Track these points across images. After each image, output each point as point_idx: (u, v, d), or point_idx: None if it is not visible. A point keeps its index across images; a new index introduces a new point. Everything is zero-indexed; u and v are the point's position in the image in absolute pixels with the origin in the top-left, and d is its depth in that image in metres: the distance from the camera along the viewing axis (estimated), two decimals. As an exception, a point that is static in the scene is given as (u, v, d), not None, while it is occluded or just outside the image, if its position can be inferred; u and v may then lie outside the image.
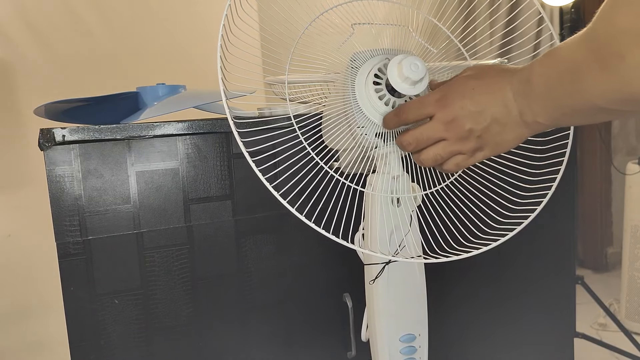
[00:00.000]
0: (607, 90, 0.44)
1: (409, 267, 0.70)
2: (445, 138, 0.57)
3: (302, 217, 0.58)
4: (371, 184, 0.66)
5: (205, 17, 1.73)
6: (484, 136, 0.56)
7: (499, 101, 0.54)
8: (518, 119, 0.54)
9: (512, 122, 0.55)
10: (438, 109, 0.57)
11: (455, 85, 0.57)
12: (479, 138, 0.56)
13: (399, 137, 0.60)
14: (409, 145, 0.59)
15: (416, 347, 0.71)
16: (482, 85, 0.55)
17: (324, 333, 0.92)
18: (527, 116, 0.54)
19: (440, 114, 0.56)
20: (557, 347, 1.15)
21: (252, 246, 0.87)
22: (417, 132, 0.58)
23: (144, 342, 0.81)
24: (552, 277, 1.12)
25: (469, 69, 0.60)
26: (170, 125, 0.79)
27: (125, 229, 0.79)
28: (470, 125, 0.55)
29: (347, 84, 0.63)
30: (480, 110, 0.55)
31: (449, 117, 0.56)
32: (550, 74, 0.50)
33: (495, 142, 0.57)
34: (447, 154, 0.58)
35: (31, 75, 1.59)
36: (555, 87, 0.50)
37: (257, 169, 0.56)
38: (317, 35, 0.64)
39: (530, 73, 0.52)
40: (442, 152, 0.58)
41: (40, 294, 1.59)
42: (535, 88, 0.52)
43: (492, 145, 0.57)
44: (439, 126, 0.57)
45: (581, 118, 0.52)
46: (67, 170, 0.76)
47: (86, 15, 1.65)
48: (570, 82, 0.48)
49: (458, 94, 0.56)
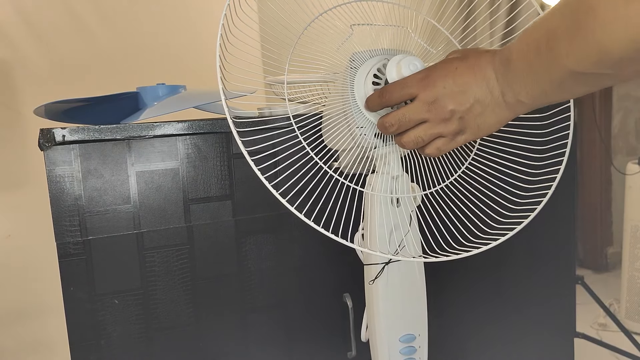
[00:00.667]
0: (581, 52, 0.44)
1: (409, 268, 0.70)
2: (427, 120, 0.57)
3: (302, 215, 0.58)
4: (370, 184, 0.66)
5: (205, 17, 1.73)
6: (465, 118, 0.56)
7: (481, 81, 0.55)
8: (500, 99, 0.55)
9: (493, 103, 0.55)
10: (421, 89, 0.56)
11: (439, 66, 0.57)
12: (461, 120, 0.56)
13: (381, 119, 0.60)
14: (390, 127, 0.59)
15: (416, 347, 0.71)
16: (464, 66, 0.56)
17: (324, 333, 0.93)
18: (508, 96, 0.54)
19: (423, 94, 0.56)
20: (557, 347, 1.15)
21: (252, 246, 0.87)
22: (399, 114, 0.58)
23: (144, 342, 0.81)
24: (552, 277, 1.12)
25: (454, 52, 0.61)
26: (170, 125, 0.79)
27: (125, 229, 0.79)
28: (452, 106, 0.55)
29: (347, 84, 0.63)
30: (462, 90, 0.55)
31: (432, 97, 0.56)
32: (528, 48, 0.50)
33: (476, 124, 0.57)
34: (429, 137, 0.58)
35: (31, 75, 1.59)
36: (533, 61, 0.50)
37: (256, 168, 0.56)
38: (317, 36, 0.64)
39: (510, 51, 0.52)
40: (423, 134, 0.58)
41: (40, 294, 1.59)
42: (515, 66, 0.52)
43: (473, 127, 0.57)
44: (422, 107, 0.57)
45: (560, 91, 0.51)
46: (67, 170, 0.76)
47: (86, 15, 1.65)
48: (546, 51, 0.48)
49: (441, 74, 0.56)
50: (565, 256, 1.13)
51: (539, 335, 1.12)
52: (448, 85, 0.55)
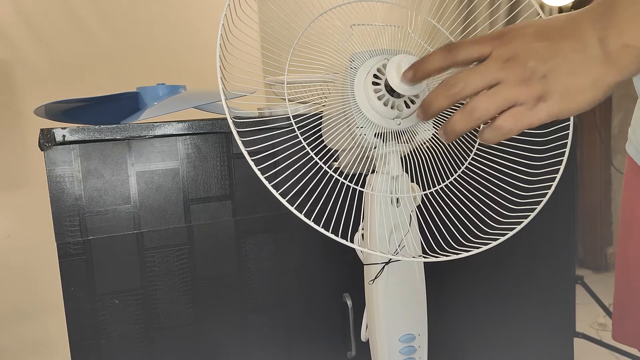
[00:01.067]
0: None
1: (409, 268, 0.70)
2: (501, 80, 0.45)
3: (302, 215, 0.58)
4: (370, 184, 0.66)
5: (205, 17, 1.73)
6: (550, 76, 0.44)
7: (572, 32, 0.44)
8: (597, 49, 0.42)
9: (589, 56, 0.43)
10: (496, 46, 0.45)
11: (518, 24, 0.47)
12: (544, 79, 0.44)
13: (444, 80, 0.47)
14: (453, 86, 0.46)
15: (416, 347, 0.71)
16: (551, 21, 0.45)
17: (324, 333, 0.93)
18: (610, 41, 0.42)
19: (498, 50, 0.45)
20: (557, 347, 1.16)
21: (252, 246, 0.87)
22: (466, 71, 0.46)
23: (144, 342, 0.82)
24: (552, 277, 1.12)
25: None
26: (170, 125, 0.79)
27: (126, 229, 0.79)
28: (533, 62, 0.44)
29: (347, 85, 0.63)
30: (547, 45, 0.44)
31: (508, 53, 0.45)
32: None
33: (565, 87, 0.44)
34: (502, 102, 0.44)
35: (31, 75, 1.59)
36: None
37: (256, 168, 0.56)
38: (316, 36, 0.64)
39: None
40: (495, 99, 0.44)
41: (40, 294, 1.59)
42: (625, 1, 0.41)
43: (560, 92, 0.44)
44: (495, 64, 0.45)
45: None
46: (67, 170, 0.76)
47: (86, 15, 1.65)
48: None
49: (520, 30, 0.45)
50: (565, 256, 1.13)
51: (539, 335, 1.13)
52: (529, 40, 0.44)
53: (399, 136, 0.64)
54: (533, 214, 0.69)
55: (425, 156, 0.67)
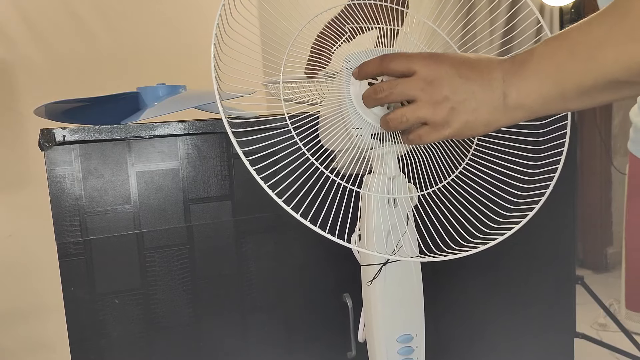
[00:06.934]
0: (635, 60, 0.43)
1: (406, 268, 0.70)
2: (418, 99, 0.54)
3: (298, 215, 0.58)
4: (367, 185, 0.66)
5: (205, 17, 1.72)
6: (457, 109, 0.53)
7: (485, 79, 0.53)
8: (499, 101, 0.52)
9: (491, 103, 0.53)
10: (423, 67, 0.54)
11: (449, 53, 0.56)
12: (452, 110, 0.54)
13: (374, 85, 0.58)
14: (380, 92, 0.56)
15: (413, 348, 0.71)
16: (474, 60, 0.54)
17: (324, 333, 0.93)
18: (510, 98, 0.52)
19: (423, 70, 0.54)
20: (557, 347, 1.16)
21: (252, 246, 0.87)
22: (393, 82, 0.56)
23: (144, 342, 0.82)
24: (552, 277, 1.12)
25: None
26: (170, 126, 0.80)
27: (126, 229, 0.80)
28: (448, 91, 0.53)
29: (343, 85, 0.63)
30: (463, 81, 0.53)
31: (431, 76, 0.54)
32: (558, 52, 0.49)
33: (465, 120, 0.54)
34: (414, 119, 0.55)
35: (31, 75, 1.59)
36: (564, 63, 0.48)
37: (251, 168, 0.57)
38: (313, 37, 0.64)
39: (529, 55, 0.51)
40: (409, 114, 0.55)
41: (40, 294, 1.60)
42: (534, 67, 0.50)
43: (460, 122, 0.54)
44: (417, 84, 0.54)
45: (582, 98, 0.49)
46: (68, 170, 0.76)
47: (86, 15, 1.66)
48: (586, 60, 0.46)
49: (448, 60, 0.54)
50: (565, 256, 1.13)
51: (539, 336, 1.13)
52: (451, 72, 0.53)
53: (395, 137, 0.64)
54: (531, 213, 0.69)
55: (422, 157, 0.67)
